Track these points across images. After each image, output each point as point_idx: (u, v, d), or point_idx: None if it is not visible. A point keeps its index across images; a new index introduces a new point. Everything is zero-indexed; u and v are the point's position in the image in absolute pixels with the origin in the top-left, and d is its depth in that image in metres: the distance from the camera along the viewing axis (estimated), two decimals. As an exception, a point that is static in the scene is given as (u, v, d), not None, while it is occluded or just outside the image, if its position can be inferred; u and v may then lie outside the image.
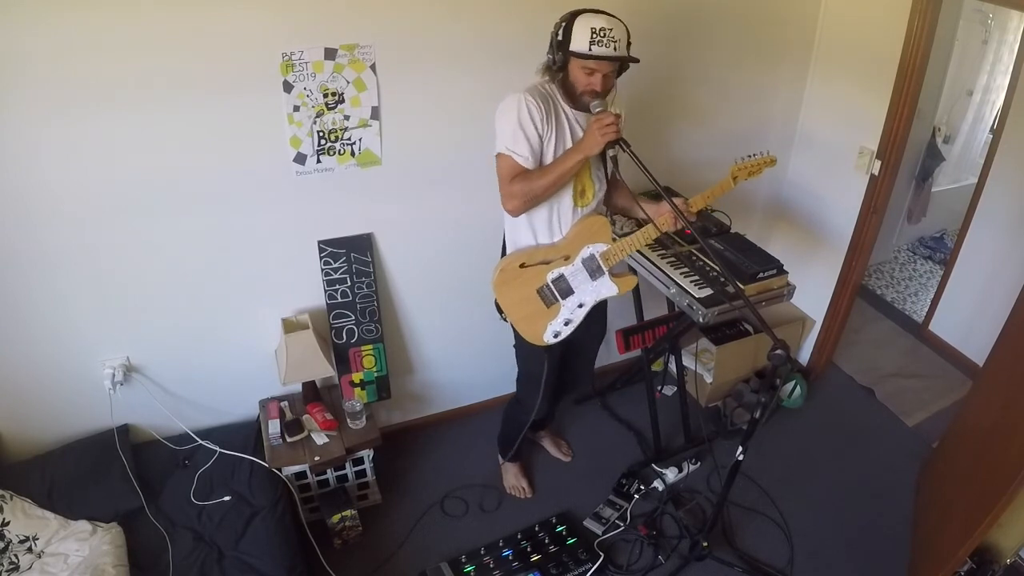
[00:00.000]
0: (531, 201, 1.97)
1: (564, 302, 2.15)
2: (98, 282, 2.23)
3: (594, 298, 2.19)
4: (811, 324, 3.37)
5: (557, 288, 2.14)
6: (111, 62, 1.90)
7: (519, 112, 1.88)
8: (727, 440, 3.03)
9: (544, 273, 2.12)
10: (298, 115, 2.18)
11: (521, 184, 1.93)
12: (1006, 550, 2.19)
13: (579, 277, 2.14)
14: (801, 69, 2.96)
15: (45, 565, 2.03)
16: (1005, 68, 4.20)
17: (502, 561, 2.47)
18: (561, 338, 2.21)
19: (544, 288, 2.14)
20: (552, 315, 2.17)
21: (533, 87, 1.93)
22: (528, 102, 1.88)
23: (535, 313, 2.16)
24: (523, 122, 1.89)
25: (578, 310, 2.18)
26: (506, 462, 2.80)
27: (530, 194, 1.95)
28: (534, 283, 2.13)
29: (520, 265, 2.11)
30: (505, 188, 1.96)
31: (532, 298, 2.14)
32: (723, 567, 2.49)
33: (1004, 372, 2.40)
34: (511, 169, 1.93)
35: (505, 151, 1.92)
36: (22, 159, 1.95)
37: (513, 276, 2.12)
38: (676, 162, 2.92)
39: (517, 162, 1.92)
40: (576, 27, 1.83)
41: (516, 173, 1.93)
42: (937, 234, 4.69)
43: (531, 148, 1.91)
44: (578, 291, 2.15)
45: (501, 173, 1.96)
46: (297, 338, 2.41)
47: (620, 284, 2.17)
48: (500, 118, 1.93)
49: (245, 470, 2.38)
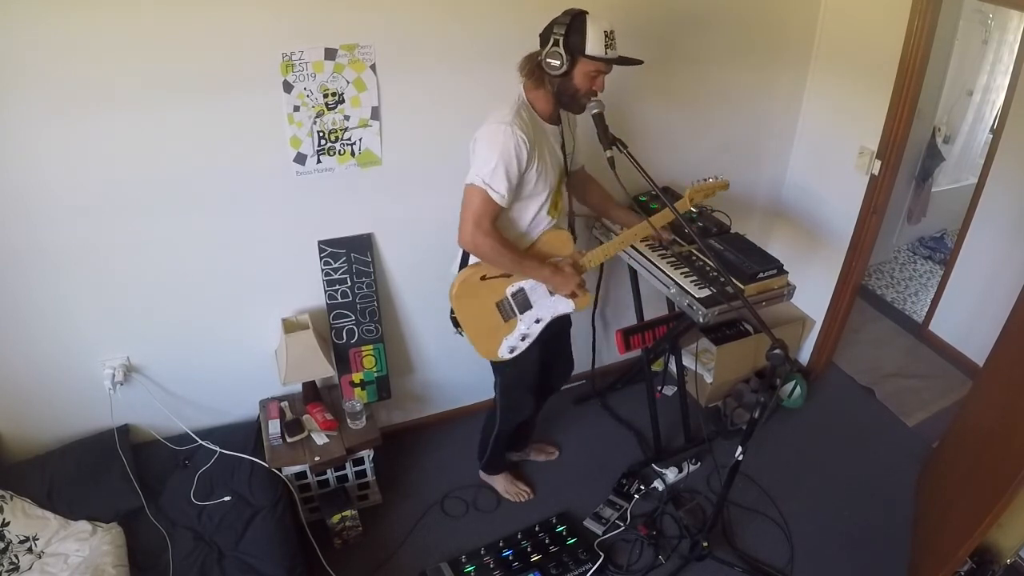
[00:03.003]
0: (480, 256, 1.98)
1: (522, 316, 2.15)
2: (98, 282, 2.23)
3: (551, 314, 2.19)
4: (811, 324, 3.37)
5: (516, 302, 2.13)
6: (111, 62, 1.90)
7: (505, 149, 1.84)
8: (727, 440, 3.03)
9: (504, 286, 2.11)
10: (298, 115, 2.18)
11: (491, 244, 1.90)
12: (1006, 550, 2.19)
13: (538, 291, 2.14)
14: (801, 69, 2.96)
15: (45, 565, 2.03)
16: (1005, 68, 4.20)
17: (502, 561, 2.47)
18: (516, 354, 2.20)
19: (503, 302, 2.12)
20: (509, 330, 2.16)
21: (516, 114, 1.88)
22: (519, 140, 1.83)
23: (492, 328, 2.14)
24: (508, 161, 1.85)
25: (535, 325, 2.18)
26: (493, 476, 2.79)
27: (486, 258, 1.96)
28: (494, 296, 2.11)
29: (481, 277, 2.08)
30: (470, 226, 1.89)
31: (491, 311, 2.12)
32: (723, 567, 2.49)
33: (1004, 372, 2.40)
34: (483, 204, 1.87)
35: (481, 184, 1.86)
36: (22, 159, 1.94)
37: (473, 288, 2.09)
38: (675, 162, 2.91)
39: (491, 198, 1.86)
40: (590, 31, 1.81)
41: (486, 210, 1.88)
42: (937, 234, 4.69)
43: (509, 188, 1.87)
44: (536, 306, 2.15)
45: (471, 205, 1.88)
46: (297, 338, 2.41)
47: (577, 301, 2.17)
48: (482, 148, 1.87)
49: (245, 470, 2.38)
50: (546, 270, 2.05)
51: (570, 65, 1.85)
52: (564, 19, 1.83)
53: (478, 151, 1.90)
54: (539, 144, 1.94)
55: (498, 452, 2.70)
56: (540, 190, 2.00)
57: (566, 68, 1.85)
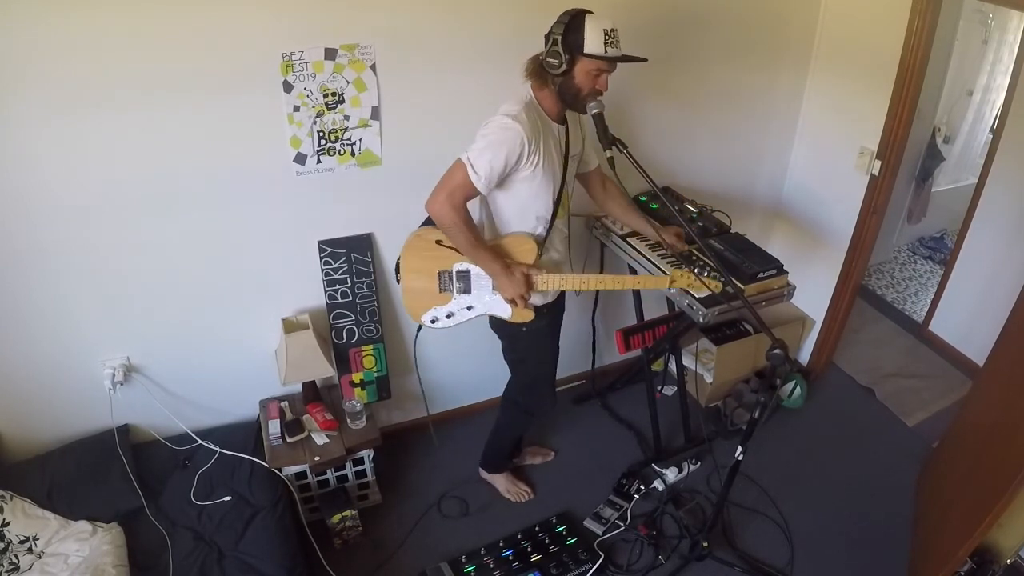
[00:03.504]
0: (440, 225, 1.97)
1: (456, 296, 2.14)
2: (98, 282, 2.23)
3: (485, 310, 2.16)
4: (811, 324, 3.37)
5: (457, 279, 2.12)
6: (111, 62, 1.90)
7: (507, 145, 1.85)
8: (727, 440, 3.03)
9: (454, 261, 2.10)
10: (298, 115, 2.18)
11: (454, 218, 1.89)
12: (1006, 550, 2.19)
13: (482, 282, 2.12)
14: (801, 69, 2.96)
15: (45, 565, 2.03)
16: (1005, 68, 4.20)
17: (502, 561, 2.47)
18: (437, 327, 2.19)
19: (446, 274, 2.12)
20: (440, 302, 2.15)
21: (524, 109, 1.88)
22: (518, 135, 1.84)
23: (425, 290, 2.14)
24: (497, 150, 1.85)
25: (465, 311, 2.16)
26: (494, 475, 2.79)
27: (445, 228, 1.95)
28: (440, 264, 2.11)
29: (437, 241, 2.08)
30: (443, 194, 1.89)
31: (430, 275, 2.13)
32: (723, 567, 2.49)
33: (1004, 372, 2.40)
34: (461, 180, 1.87)
35: (466, 161, 1.87)
36: (22, 159, 1.95)
37: (425, 246, 2.10)
38: (675, 161, 2.92)
39: (469, 179, 1.87)
40: (588, 29, 1.81)
41: (461, 186, 1.88)
42: (937, 234, 4.69)
43: (490, 177, 1.88)
44: (474, 294, 2.14)
45: (451, 177, 1.89)
46: (297, 338, 2.41)
47: (515, 312, 2.13)
48: (487, 134, 1.87)
49: (245, 470, 2.38)
50: (498, 264, 2.00)
51: (570, 64, 1.85)
52: (564, 19, 1.84)
53: (481, 132, 1.90)
54: (545, 141, 1.94)
55: (503, 450, 2.70)
56: (546, 187, 2.00)
57: (566, 67, 1.85)
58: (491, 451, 2.73)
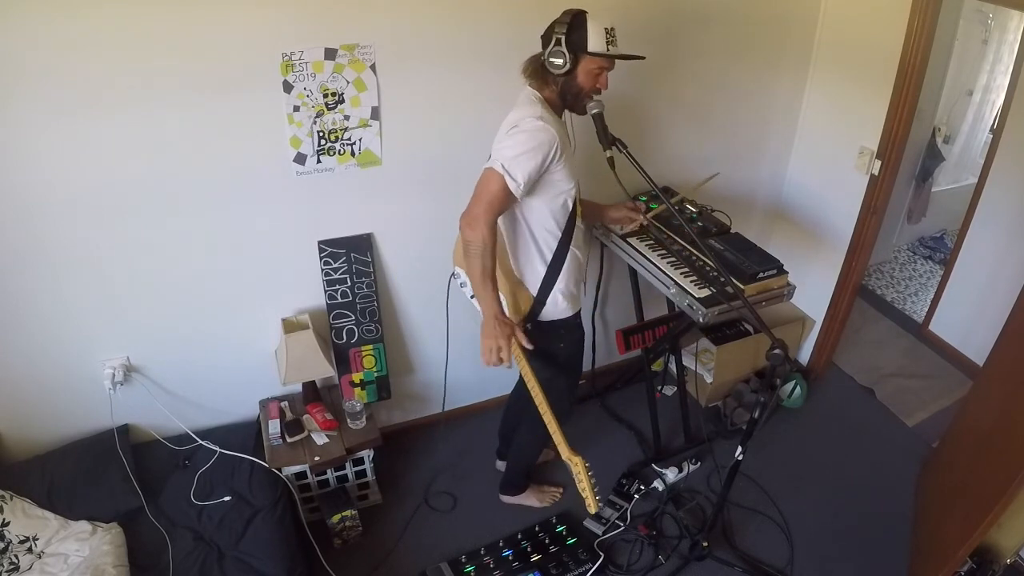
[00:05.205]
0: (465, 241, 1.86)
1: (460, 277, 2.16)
2: (98, 282, 2.23)
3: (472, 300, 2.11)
4: (811, 324, 3.37)
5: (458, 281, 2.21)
6: (111, 62, 1.90)
7: (543, 147, 1.81)
8: (727, 440, 3.03)
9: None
10: (298, 115, 2.18)
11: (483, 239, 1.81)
12: (1006, 550, 2.19)
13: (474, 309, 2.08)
14: (801, 69, 2.96)
15: (45, 565, 2.03)
16: (1005, 68, 4.20)
17: (502, 561, 2.47)
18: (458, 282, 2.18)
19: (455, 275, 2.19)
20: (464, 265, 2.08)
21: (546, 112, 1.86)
22: (553, 136, 1.81)
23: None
24: (540, 157, 1.81)
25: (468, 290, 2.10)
26: (519, 495, 2.73)
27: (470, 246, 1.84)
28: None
29: None
30: (482, 208, 1.81)
31: None
32: (723, 567, 2.49)
33: (1004, 372, 2.40)
34: (500, 192, 1.80)
35: (501, 170, 1.80)
36: (22, 159, 1.94)
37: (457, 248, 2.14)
38: (675, 161, 2.92)
39: (508, 187, 1.80)
40: (591, 28, 1.82)
41: (499, 198, 1.81)
42: (937, 234, 4.69)
43: (528, 183, 1.83)
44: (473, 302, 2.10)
45: (488, 189, 1.82)
46: (297, 338, 2.41)
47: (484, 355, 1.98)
48: (519, 137, 1.82)
49: (245, 470, 2.38)
50: (494, 309, 1.90)
51: (573, 63, 1.85)
52: (565, 19, 1.84)
53: (511, 136, 1.84)
54: (562, 140, 1.91)
55: (524, 469, 2.68)
56: (569, 186, 1.97)
57: (569, 66, 1.85)
58: (513, 474, 2.70)
